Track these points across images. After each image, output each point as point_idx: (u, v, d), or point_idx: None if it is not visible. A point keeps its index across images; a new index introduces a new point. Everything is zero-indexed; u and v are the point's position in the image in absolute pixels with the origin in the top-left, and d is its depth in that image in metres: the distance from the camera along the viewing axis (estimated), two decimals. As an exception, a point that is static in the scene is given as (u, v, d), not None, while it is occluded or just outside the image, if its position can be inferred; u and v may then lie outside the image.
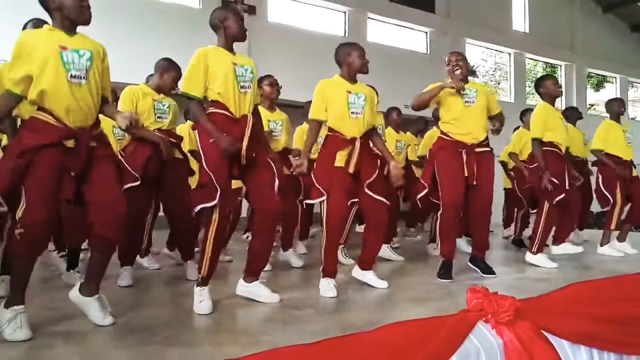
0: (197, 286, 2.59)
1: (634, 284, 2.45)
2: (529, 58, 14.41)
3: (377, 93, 3.54)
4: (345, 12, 10.72)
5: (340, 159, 3.01)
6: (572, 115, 5.55)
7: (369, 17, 11.03)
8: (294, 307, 2.68)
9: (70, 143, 2.18)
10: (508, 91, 13.78)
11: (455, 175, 3.44)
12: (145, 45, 7.80)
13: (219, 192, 2.49)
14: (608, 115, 4.93)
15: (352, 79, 3.14)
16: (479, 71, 13.64)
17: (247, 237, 5.59)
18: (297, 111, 4.94)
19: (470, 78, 3.70)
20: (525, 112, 5.57)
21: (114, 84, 2.53)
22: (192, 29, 8.54)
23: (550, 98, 4.16)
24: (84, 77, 2.19)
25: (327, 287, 2.94)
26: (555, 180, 3.89)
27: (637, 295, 2.29)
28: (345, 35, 10.61)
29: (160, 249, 4.28)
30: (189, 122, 4.08)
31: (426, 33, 11.99)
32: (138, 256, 3.63)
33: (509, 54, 13.83)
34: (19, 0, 7.24)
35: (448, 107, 3.55)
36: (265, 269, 3.70)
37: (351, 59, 3.09)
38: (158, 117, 3.43)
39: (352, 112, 3.03)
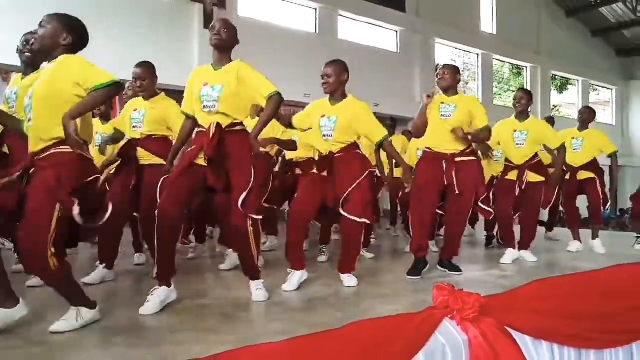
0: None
1: (593, 281, 2.52)
2: (496, 59, 14.72)
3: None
4: (316, 9, 10.69)
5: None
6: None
7: (340, 15, 11.04)
8: (261, 305, 2.65)
9: None
10: (476, 91, 14.05)
11: (426, 179, 3.54)
12: (110, 38, 7.60)
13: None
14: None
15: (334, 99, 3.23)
16: None
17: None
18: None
19: (461, 90, 3.77)
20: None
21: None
22: (157, 22, 8.40)
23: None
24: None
25: (288, 280, 3.05)
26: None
27: (595, 291, 2.35)
28: (316, 32, 10.59)
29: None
30: None
31: (396, 32, 12.08)
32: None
33: (477, 55, 14.10)
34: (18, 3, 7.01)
35: (428, 121, 3.62)
36: (225, 268, 3.69)
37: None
38: (133, 127, 3.37)
39: (323, 135, 3.20)
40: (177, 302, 2.60)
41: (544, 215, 6.24)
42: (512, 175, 4.29)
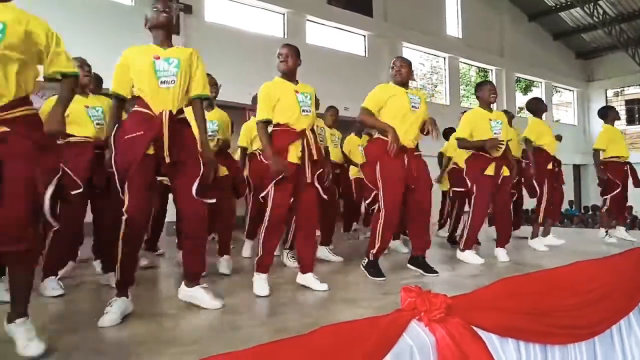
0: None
1: (555, 278, 2.57)
2: (463, 62, 15.00)
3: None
4: (284, 14, 10.68)
5: (292, 154, 3.06)
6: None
7: (308, 19, 11.05)
8: (227, 313, 2.60)
9: None
10: (444, 94, 14.27)
11: (394, 176, 3.42)
12: (74, 44, 7.40)
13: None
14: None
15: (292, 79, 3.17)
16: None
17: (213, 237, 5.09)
18: (236, 112, 4.86)
19: (413, 84, 3.79)
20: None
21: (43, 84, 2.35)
22: (123, 27, 8.23)
23: (484, 103, 4.28)
24: None
25: (259, 285, 2.98)
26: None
27: (558, 288, 2.40)
28: (284, 37, 10.56)
29: None
30: None
31: (364, 36, 12.17)
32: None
33: (444, 58, 14.32)
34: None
35: (392, 111, 3.47)
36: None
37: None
38: (97, 124, 3.28)
39: (302, 110, 3.10)
40: (137, 312, 2.53)
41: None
42: (490, 171, 4.11)
